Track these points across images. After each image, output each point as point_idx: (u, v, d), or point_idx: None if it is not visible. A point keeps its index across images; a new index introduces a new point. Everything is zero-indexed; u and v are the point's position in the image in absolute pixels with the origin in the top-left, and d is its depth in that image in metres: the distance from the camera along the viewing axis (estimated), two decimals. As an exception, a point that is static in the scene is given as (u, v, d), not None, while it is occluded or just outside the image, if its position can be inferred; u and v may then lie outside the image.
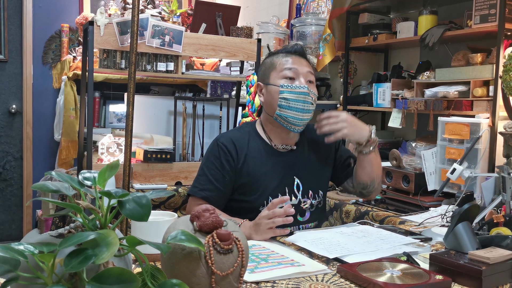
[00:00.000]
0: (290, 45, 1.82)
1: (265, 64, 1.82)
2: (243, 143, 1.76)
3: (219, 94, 3.71)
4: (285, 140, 1.80)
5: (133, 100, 2.17)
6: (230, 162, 1.73)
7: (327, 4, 3.44)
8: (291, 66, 1.74)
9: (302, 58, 1.79)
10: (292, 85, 1.71)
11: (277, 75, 1.74)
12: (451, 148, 2.16)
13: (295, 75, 1.73)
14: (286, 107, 1.71)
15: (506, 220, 1.47)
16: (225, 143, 1.75)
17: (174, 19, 3.69)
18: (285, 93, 1.71)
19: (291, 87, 1.71)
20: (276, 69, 1.75)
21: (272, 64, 1.78)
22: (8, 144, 4.17)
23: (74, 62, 4.00)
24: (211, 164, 1.74)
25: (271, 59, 1.80)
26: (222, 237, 0.98)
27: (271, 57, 1.82)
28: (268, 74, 1.78)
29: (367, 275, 1.15)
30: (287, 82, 1.72)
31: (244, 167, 1.73)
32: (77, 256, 0.73)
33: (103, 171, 0.90)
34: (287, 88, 1.71)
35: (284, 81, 1.73)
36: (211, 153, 1.77)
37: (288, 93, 1.70)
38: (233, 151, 1.74)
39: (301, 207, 1.78)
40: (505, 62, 2.01)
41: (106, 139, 2.72)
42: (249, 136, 1.80)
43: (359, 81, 3.15)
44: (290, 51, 1.78)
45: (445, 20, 2.52)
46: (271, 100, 1.75)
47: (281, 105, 1.71)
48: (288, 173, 1.77)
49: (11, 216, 4.21)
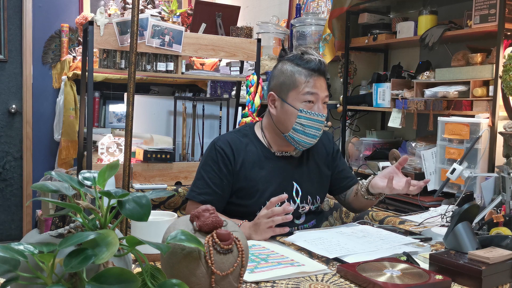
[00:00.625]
0: (313, 60, 1.70)
1: (285, 74, 1.71)
2: (241, 146, 1.75)
3: (219, 94, 3.72)
4: (284, 148, 1.80)
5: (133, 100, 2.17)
6: (227, 165, 1.72)
7: (327, 4, 3.44)
8: (312, 91, 1.68)
9: (323, 77, 1.73)
10: (311, 112, 1.69)
11: (297, 96, 1.68)
12: (451, 148, 2.17)
13: (315, 99, 1.69)
14: (301, 132, 1.70)
15: (506, 220, 1.47)
16: (223, 146, 1.73)
17: (174, 19, 3.69)
18: (302, 118, 1.69)
19: (310, 114, 1.69)
20: (297, 90, 1.68)
21: (293, 82, 1.69)
22: (8, 144, 4.17)
23: (74, 62, 4.00)
24: (209, 168, 1.73)
25: (292, 74, 1.70)
26: (222, 237, 0.98)
27: (291, 67, 1.71)
28: (286, 91, 1.70)
29: (367, 275, 1.15)
30: (306, 107, 1.68)
31: (242, 170, 1.72)
32: (77, 256, 0.73)
33: (103, 171, 0.90)
34: (306, 114, 1.68)
35: (304, 105, 1.68)
36: (208, 156, 1.76)
37: (305, 119, 1.69)
38: (231, 155, 1.72)
39: (299, 212, 1.78)
40: (505, 62, 2.01)
41: (106, 139, 2.71)
42: (247, 139, 1.78)
43: (359, 81, 3.15)
44: (314, 69, 1.69)
45: (445, 20, 2.52)
46: (286, 120, 1.71)
47: (296, 129, 1.70)
48: (287, 178, 1.77)
49: (11, 216, 4.21)
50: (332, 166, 1.89)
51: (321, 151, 1.86)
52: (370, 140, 2.90)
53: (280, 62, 1.77)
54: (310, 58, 1.70)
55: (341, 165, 1.91)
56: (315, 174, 1.83)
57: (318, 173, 1.84)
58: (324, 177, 1.86)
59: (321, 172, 1.85)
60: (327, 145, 1.89)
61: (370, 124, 3.21)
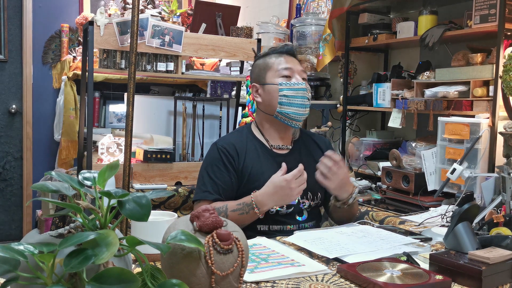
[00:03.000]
0: (280, 45, 1.86)
1: (258, 65, 1.85)
2: (242, 145, 1.79)
3: (219, 94, 3.71)
4: (282, 138, 1.83)
5: (133, 100, 2.17)
6: (232, 163, 1.75)
7: (327, 4, 3.44)
8: (286, 66, 1.79)
9: (294, 57, 1.84)
10: (291, 82, 1.77)
11: (274, 74, 1.79)
12: (451, 148, 2.16)
13: (291, 73, 1.79)
14: (287, 104, 1.75)
15: (506, 220, 1.47)
16: (226, 146, 1.78)
17: (174, 19, 3.69)
18: (284, 90, 1.76)
19: (290, 84, 1.77)
20: (272, 69, 1.80)
21: (267, 65, 1.82)
22: (8, 144, 4.17)
23: (74, 62, 4.00)
24: (215, 168, 1.75)
25: (264, 60, 1.84)
26: (222, 237, 0.98)
27: (262, 58, 1.86)
28: (263, 75, 1.81)
29: (367, 275, 1.15)
30: (285, 80, 1.77)
31: (245, 168, 1.76)
32: (77, 256, 0.73)
33: (103, 171, 0.90)
34: (286, 85, 1.77)
35: (282, 79, 1.78)
36: (212, 157, 1.78)
37: (287, 90, 1.76)
38: (234, 153, 1.76)
39: (300, 208, 1.79)
40: (505, 62, 2.01)
41: (106, 139, 2.71)
42: (246, 138, 1.83)
43: (359, 81, 3.15)
44: (282, 51, 1.83)
45: (445, 20, 2.52)
46: (270, 99, 1.78)
47: (282, 102, 1.75)
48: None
49: (11, 216, 4.21)
50: None
51: (319, 152, 1.89)
52: (370, 140, 2.90)
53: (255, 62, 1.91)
54: (277, 45, 1.85)
55: None
56: (313, 172, 1.84)
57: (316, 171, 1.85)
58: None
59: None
60: (323, 148, 1.92)
61: (370, 124, 3.21)
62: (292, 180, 1.61)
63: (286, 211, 1.77)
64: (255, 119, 1.91)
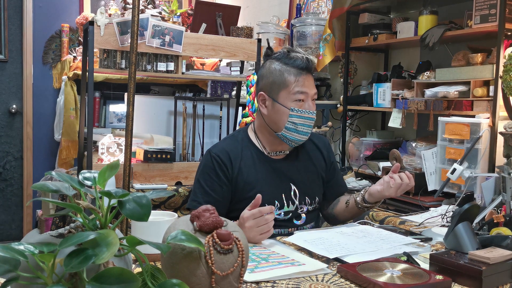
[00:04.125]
0: (300, 58, 1.71)
1: (274, 74, 1.72)
2: (237, 152, 1.76)
3: (219, 94, 3.71)
4: (278, 147, 1.80)
5: (133, 100, 2.17)
6: (225, 172, 1.72)
7: (327, 4, 3.44)
8: (302, 90, 1.70)
9: (311, 74, 1.74)
10: (302, 110, 1.71)
11: (288, 96, 1.70)
12: (451, 148, 2.16)
13: (305, 98, 1.71)
14: (293, 130, 1.72)
15: (506, 220, 1.47)
16: (219, 153, 1.74)
17: (174, 19, 3.69)
18: (294, 117, 1.70)
19: (301, 112, 1.71)
20: (287, 89, 1.70)
21: (283, 82, 1.70)
22: (8, 144, 4.17)
23: (74, 62, 4.00)
24: (207, 176, 1.73)
25: (281, 73, 1.71)
26: (222, 237, 0.98)
27: (279, 66, 1.72)
28: (276, 91, 1.71)
29: (367, 275, 1.15)
30: (297, 106, 1.70)
31: (239, 176, 1.73)
32: (77, 256, 0.73)
33: (103, 171, 0.90)
34: (297, 112, 1.70)
35: (295, 104, 1.70)
36: (205, 165, 1.76)
37: (297, 117, 1.71)
38: (227, 161, 1.73)
39: (298, 213, 1.79)
40: (505, 62, 2.01)
41: (106, 139, 2.71)
42: (242, 144, 1.79)
43: (359, 81, 3.15)
44: (302, 67, 1.71)
45: (445, 20, 2.52)
46: (278, 119, 1.73)
47: (289, 128, 1.72)
48: (284, 180, 1.78)
49: (11, 216, 4.21)
50: (327, 174, 1.90)
51: (317, 154, 1.88)
52: (371, 140, 2.91)
53: (268, 61, 1.78)
54: (297, 56, 1.72)
55: (336, 175, 1.93)
56: (311, 175, 1.83)
57: (315, 174, 1.85)
58: (320, 179, 1.87)
59: (318, 173, 1.86)
60: (323, 149, 1.90)
61: (370, 124, 3.21)
62: (248, 218, 1.45)
63: (283, 218, 1.75)
64: (253, 122, 1.86)
